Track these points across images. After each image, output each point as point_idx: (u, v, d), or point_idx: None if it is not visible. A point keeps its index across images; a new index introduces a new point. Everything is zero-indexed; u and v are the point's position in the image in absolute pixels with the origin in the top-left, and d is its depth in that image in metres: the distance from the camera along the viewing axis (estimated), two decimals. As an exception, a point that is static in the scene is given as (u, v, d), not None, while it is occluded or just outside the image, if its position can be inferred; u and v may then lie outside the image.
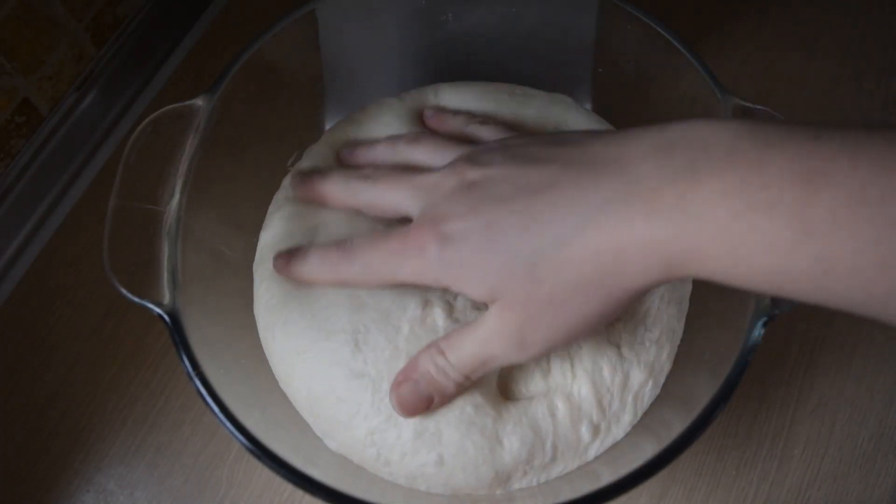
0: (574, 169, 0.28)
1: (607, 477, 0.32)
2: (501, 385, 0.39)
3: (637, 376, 0.39)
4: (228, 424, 0.33)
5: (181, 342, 0.34)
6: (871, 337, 0.50)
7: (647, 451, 0.33)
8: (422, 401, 0.34)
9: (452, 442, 0.36)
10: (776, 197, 0.24)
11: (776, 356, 0.50)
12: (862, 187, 0.23)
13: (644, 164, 0.27)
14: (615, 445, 0.39)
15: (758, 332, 0.34)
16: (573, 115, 0.48)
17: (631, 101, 0.49)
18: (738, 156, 0.25)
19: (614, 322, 0.39)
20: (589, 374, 0.38)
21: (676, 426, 0.33)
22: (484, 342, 0.32)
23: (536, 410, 0.37)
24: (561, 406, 0.38)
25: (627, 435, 0.39)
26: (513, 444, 0.37)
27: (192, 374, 0.34)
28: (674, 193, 0.26)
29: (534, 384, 0.38)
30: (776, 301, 0.34)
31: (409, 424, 0.36)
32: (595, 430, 0.38)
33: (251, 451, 0.33)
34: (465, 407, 0.36)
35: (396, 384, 0.35)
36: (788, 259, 0.25)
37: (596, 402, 0.38)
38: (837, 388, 0.49)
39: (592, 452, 0.38)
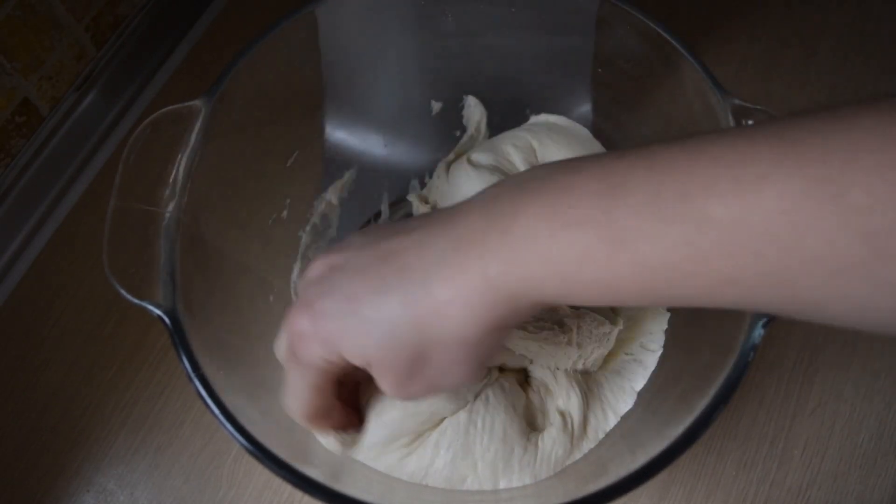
0: (417, 233, 0.30)
1: (608, 478, 0.32)
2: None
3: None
4: (228, 425, 0.33)
5: (181, 343, 0.34)
6: (871, 337, 0.50)
7: (648, 451, 0.33)
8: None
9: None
10: (584, 213, 0.26)
11: (776, 356, 0.50)
12: (658, 190, 0.25)
13: (472, 215, 0.29)
14: (616, 445, 0.39)
15: (758, 332, 0.34)
16: None
17: (631, 101, 0.49)
18: (549, 183, 0.27)
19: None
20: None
21: (677, 427, 0.33)
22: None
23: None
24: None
25: (628, 435, 0.39)
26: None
27: (192, 374, 0.34)
28: (498, 231, 0.27)
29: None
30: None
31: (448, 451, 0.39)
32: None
33: (251, 452, 0.33)
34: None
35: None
36: (610, 270, 0.26)
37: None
38: (837, 389, 0.49)
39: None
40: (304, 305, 0.32)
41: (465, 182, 0.48)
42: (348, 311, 0.30)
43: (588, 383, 0.43)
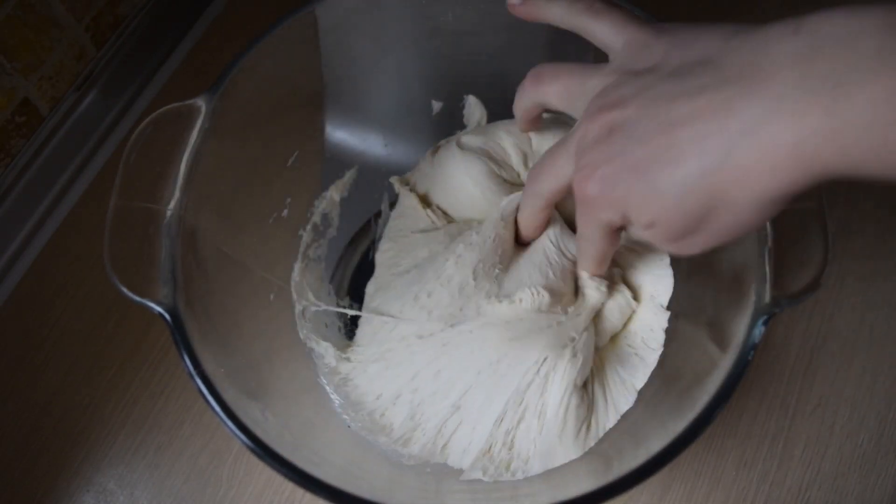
0: (710, 94, 0.29)
1: (609, 475, 0.32)
2: None
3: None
4: (229, 423, 0.33)
5: (182, 340, 0.34)
6: (871, 336, 0.50)
7: (648, 449, 0.33)
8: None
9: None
10: None
11: (776, 356, 0.50)
12: None
13: (784, 75, 0.27)
14: (617, 443, 0.39)
15: (758, 330, 0.34)
16: None
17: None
18: (884, 58, 0.24)
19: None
20: None
21: (677, 425, 0.33)
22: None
23: None
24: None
25: (627, 433, 0.39)
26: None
27: (193, 372, 0.34)
28: (824, 106, 0.25)
29: None
30: (776, 300, 0.34)
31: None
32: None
33: (252, 451, 0.33)
34: None
35: None
36: None
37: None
38: (837, 388, 0.49)
39: None
40: (588, 170, 0.33)
41: (448, 161, 0.47)
42: (637, 179, 0.30)
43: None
